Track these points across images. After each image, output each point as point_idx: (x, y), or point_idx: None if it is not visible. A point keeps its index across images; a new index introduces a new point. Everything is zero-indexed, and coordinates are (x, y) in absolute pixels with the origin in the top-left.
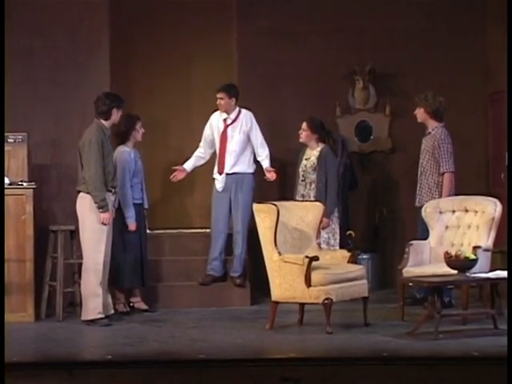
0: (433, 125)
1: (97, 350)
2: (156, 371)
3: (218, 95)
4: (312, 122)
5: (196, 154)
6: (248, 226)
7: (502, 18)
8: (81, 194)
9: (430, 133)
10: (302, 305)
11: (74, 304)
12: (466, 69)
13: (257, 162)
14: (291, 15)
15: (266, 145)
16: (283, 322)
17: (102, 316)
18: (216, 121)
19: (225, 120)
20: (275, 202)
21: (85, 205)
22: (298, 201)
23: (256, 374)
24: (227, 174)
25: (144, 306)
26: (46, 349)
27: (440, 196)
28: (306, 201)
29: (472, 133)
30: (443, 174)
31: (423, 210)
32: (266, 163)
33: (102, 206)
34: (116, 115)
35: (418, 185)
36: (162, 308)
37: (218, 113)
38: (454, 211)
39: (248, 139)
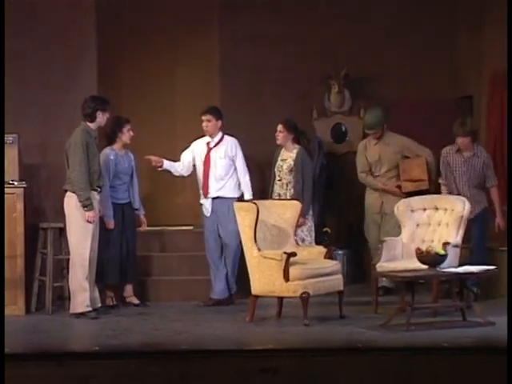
0: (472, 146)
1: (85, 342)
2: (141, 361)
3: (205, 117)
4: (287, 124)
5: (176, 164)
6: (238, 252)
7: (472, 23)
8: (67, 193)
9: (475, 154)
10: (281, 298)
11: (62, 298)
12: (437, 73)
13: None
14: (270, 23)
15: (247, 173)
16: (262, 314)
17: (90, 309)
18: (199, 148)
19: (208, 143)
20: (255, 201)
21: (71, 203)
22: (276, 199)
23: (236, 364)
24: (213, 199)
25: (136, 301)
26: (36, 340)
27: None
28: (285, 199)
29: (441, 136)
30: (491, 187)
31: (396, 208)
32: (246, 194)
33: (86, 205)
34: (101, 117)
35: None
36: (147, 302)
37: (200, 140)
38: (424, 209)
39: (233, 164)
